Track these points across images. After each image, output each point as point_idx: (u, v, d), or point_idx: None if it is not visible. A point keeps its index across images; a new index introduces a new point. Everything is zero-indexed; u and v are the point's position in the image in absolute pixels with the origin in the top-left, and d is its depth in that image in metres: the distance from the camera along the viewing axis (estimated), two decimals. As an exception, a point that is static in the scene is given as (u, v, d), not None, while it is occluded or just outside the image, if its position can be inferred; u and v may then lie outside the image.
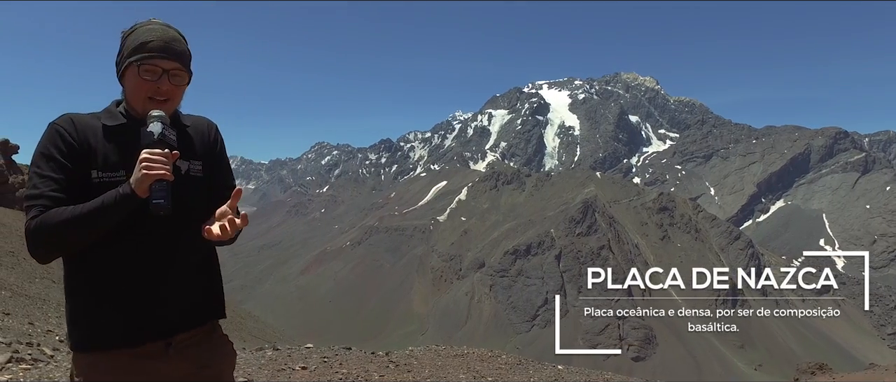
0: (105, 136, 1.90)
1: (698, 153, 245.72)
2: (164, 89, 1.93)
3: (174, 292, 1.94)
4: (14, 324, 8.68)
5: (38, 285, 12.70)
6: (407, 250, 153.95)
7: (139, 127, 1.88)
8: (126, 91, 1.97)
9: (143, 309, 1.89)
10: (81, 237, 1.76)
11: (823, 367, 21.33)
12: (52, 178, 1.80)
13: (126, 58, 1.92)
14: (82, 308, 1.89)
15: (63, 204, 1.77)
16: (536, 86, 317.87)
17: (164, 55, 1.91)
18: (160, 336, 1.92)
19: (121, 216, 1.78)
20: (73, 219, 1.73)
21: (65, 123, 1.87)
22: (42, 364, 5.64)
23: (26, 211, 1.81)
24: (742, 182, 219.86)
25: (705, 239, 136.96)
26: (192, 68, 2.02)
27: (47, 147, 1.82)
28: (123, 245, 1.86)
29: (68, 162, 1.82)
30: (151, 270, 1.90)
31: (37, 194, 1.78)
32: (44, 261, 1.84)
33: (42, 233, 1.75)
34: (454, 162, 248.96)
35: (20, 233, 16.78)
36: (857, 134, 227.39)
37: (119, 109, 1.98)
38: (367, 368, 6.95)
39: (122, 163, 1.88)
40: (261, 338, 18.91)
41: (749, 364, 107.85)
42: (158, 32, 1.93)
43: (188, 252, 1.96)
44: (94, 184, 1.83)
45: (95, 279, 1.88)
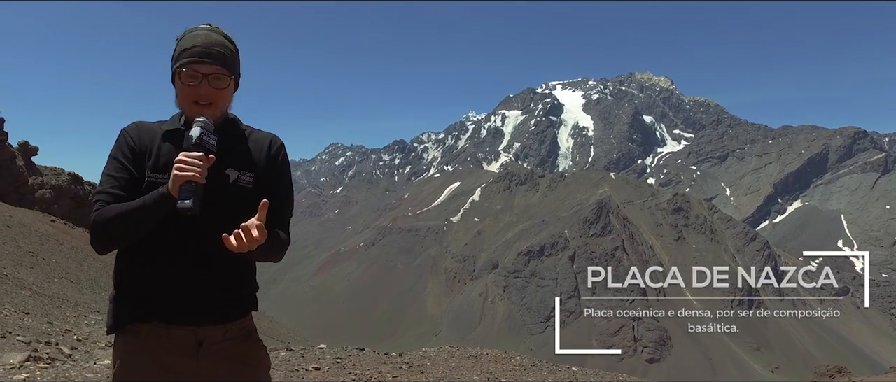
0: (161, 140, 2.03)
1: (714, 153, 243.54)
2: (205, 93, 2.00)
3: (202, 287, 2.01)
4: (33, 323, 8.79)
5: (57, 285, 12.87)
6: (420, 251, 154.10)
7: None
8: (177, 95, 2.07)
9: (173, 296, 1.99)
10: (127, 231, 1.89)
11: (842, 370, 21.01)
12: (114, 177, 1.96)
13: (174, 63, 2.03)
14: (120, 290, 2.02)
15: (120, 201, 1.92)
16: (550, 86, 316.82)
17: (203, 60, 1.98)
18: (187, 322, 2.00)
19: (160, 214, 1.88)
20: (119, 215, 1.87)
21: (131, 129, 2.05)
22: (59, 363, 5.70)
23: (93, 205, 1.98)
24: (758, 182, 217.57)
25: (721, 240, 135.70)
26: (239, 71, 2.11)
27: (115, 150, 2.01)
28: (162, 240, 1.97)
29: (129, 163, 1.98)
30: (185, 265, 1.98)
31: (100, 190, 1.96)
32: (101, 253, 1.98)
33: (97, 226, 1.90)
34: (468, 162, 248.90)
35: (40, 234, 17.02)
36: (876, 133, 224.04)
37: (174, 118, 2.12)
38: (381, 369, 6.96)
39: (170, 166, 1.94)
40: (275, 339, 19.02)
41: (765, 366, 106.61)
42: (201, 38, 2.00)
43: (223, 255, 1.98)
44: (147, 184, 1.97)
45: (133, 267, 1.99)
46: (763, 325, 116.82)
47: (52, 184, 22.40)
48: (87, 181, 24.51)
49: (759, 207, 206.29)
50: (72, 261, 15.86)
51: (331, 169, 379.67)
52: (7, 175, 21.14)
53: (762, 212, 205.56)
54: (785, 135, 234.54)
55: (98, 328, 10.24)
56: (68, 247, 17.30)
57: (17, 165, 21.67)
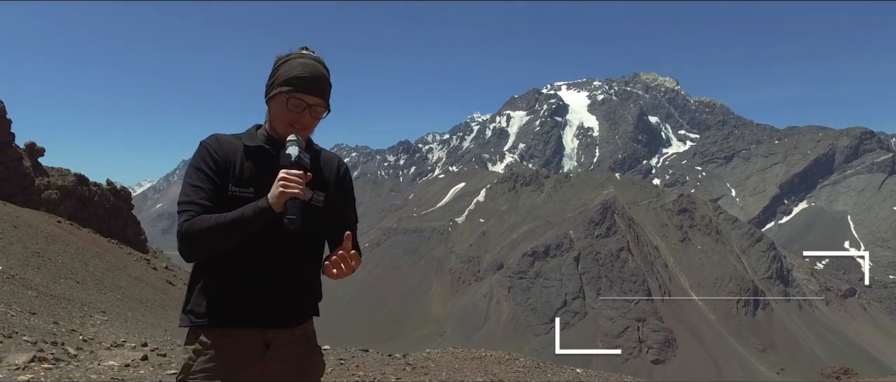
0: (244, 155, 2.15)
1: (719, 154, 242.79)
2: (305, 121, 2.17)
3: (277, 295, 2.17)
4: (39, 324, 8.83)
5: (63, 285, 12.92)
6: (425, 252, 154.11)
7: (276, 149, 2.16)
8: (271, 113, 2.22)
9: (251, 302, 2.13)
10: (222, 241, 2.02)
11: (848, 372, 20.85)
12: (201, 188, 2.07)
13: (278, 85, 2.16)
14: (200, 294, 2.14)
15: (208, 212, 2.04)
16: (555, 87, 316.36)
17: (311, 92, 2.15)
18: (259, 326, 2.14)
19: (257, 227, 2.02)
20: (216, 226, 1.99)
21: (212, 142, 2.15)
22: (63, 364, 5.72)
23: (179, 217, 2.08)
24: (764, 183, 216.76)
25: (726, 241, 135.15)
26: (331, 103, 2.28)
27: (198, 161, 2.11)
28: (246, 250, 2.10)
29: (213, 175, 2.09)
30: (264, 275, 2.13)
31: (188, 201, 2.06)
32: (189, 260, 2.11)
33: (191, 236, 2.02)
34: (472, 163, 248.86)
35: (46, 234, 17.10)
36: (883, 134, 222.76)
37: (260, 132, 2.24)
38: (384, 370, 6.96)
39: (253, 181, 2.12)
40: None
41: (771, 367, 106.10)
42: (310, 68, 2.16)
43: (296, 268, 2.19)
44: (229, 198, 2.09)
45: (216, 274, 2.12)
46: (769, 326, 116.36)
47: (59, 185, 22.48)
48: (93, 182, 24.58)
49: (765, 208, 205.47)
50: (78, 262, 15.92)
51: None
52: (14, 176, 21.24)
53: (768, 213, 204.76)
54: (791, 135, 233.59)
55: (103, 328, 10.28)
56: (74, 248, 17.37)
57: (23, 166, 21.76)
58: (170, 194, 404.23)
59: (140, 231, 26.48)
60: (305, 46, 2.28)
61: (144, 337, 10.29)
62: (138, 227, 26.43)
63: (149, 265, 21.56)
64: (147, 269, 20.58)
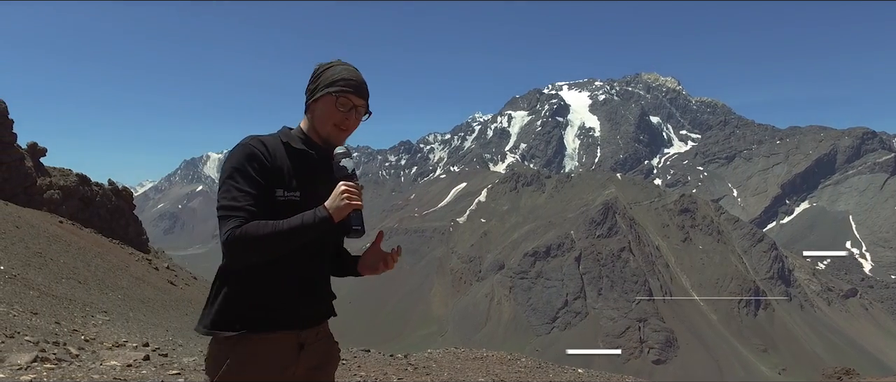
0: (290, 158, 2.17)
1: (721, 154, 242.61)
2: (350, 122, 2.26)
3: (314, 298, 2.27)
4: (41, 324, 8.84)
5: (65, 285, 12.93)
6: (426, 252, 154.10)
7: (318, 152, 2.25)
8: (315, 116, 2.26)
9: (292, 305, 2.19)
10: (278, 249, 2.02)
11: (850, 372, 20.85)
12: (250, 193, 2.03)
13: (324, 87, 2.23)
14: (239, 298, 2.13)
15: (257, 218, 2.00)
16: (556, 87, 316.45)
17: (358, 93, 2.24)
18: (295, 327, 2.21)
19: (315, 236, 2.06)
20: (274, 234, 1.99)
21: (258, 144, 2.12)
22: (65, 364, 5.72)
23: (224, 220, 2.01)
24: (766, 183, 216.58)
25: (728, 241, 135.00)
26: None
27: (243, 163, 2.06)
28: (287, 255, 2.11)
29: (261, 179, 2.07)
30: (298, 276, 2.19)
31: (237, 206, 2.01)
32: (237, 266, 2.07)
33: (244, 243, 1.97)
34: (474, 163, 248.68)
35: (48, 235, 17.10)
36: (885, 134, 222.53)
37: (294, 133, 2.28)
38: (386, 371, 6.95)
39: (300, 184, 2.15)
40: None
41: (772, 367, 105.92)
42: (354, 73, 2.26)
43: (325, 266, 2.31)
44: (278, 202, 2.09)
45: (257, 278, 2.12)
46: (770, 326, 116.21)
47: (61, 185, 22.51)
48: (95, 182, 24.59)
49: (767, 208, 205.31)
50: (79, 262, 15.93)
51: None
52: (16, 176, 21.27)
53: (769, 213, 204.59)
54: (792, 135, 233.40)
55: (105, 328, 10.28)
56: (76, 248, 17.38)
57: (25, 166, 21.79)
58: (171, 194, 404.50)
59: (142, 231, 26.51)
60: (339, 59, 2.35)
61: (146, 337, 10.30)
62: (140, 227, 26.46)
63: (150, 265, 21.58)
64: (148, 269, 20.60)
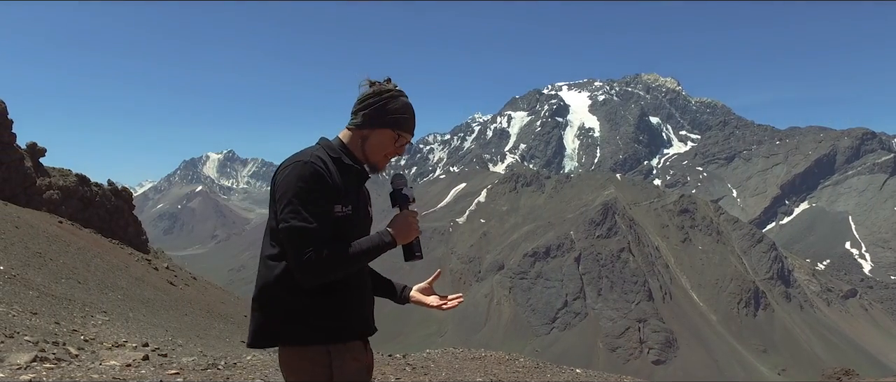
0: (342, 173, 2.26)
1: (720, 154, 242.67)
2: (397, 155, 2.40)
3: (371, 305, 2.43)
4: (41, 324, 8.85)
5: (65, 285, 12.94)
6: (426, 252, 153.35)
7: (361, 167, 2.35)
8: (368, 142, 2.34)
9: (364, 316, 2.34)
10: (351, 271, 2.18)
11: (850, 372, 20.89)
12: (319, 214, 2.11)
13: (390, 122, 2.32)
14: (319, 313, 2.23)
15: (326, 238, 2.12)
16: (556, 87, 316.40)
17: (413, 133, 2.40)
18: (365, 336, 2.37)
19: (378, 256, 2.22)
20: (349, 259, 2.14)
21: (320, 162, 2.19)
22: (65, 364, 5.74)
23: (297, 242, 2.09)
24: (765, 184, 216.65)
25: (727, 241, 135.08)
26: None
27: (311, 184, 2.13)
28: (359, 272, 2.31)
29: (328, 199, 2.15)
30: (364, 288, 2.36)
31: (311, 229, 2.08)
32: (311, 286, 2.15)
33: (323, 267, 2.09)
34: (473, 164, 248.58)
35: (47, 235, 17.12)
36: (884, 134, 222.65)
37: (335, 146, 2.34)
38: (384, 370, 6.97)
39: (352, 199, 2.25)
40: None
41: (772, 368, 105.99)
42: (412, 110, 2.39)
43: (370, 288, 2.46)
44: (336, 218, 2.19)
45: (332, 294, 2.24)
46: (770, 327, 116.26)
47: (60, 186, 22.53)
48: (94, 182, 24.61)
49: (766, 208, 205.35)
50: (79, 262, 15.95)
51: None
52: (15, 176, 21.29)
53: (769, 214, 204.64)
54: (792, 136, 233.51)
55: (105, 328, 10.30)
56: (75, 248, 17.39)
57: (25, 166, 21.81)
58: (171, 194, 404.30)
59: (141, 231, 26.53)
60: (388, 77, 2.40)
61: (146, 337, 10.31)
62: (139, 227, 26.47)
63: (150, 265, 21.59)
64: (148, 269, 20.61)
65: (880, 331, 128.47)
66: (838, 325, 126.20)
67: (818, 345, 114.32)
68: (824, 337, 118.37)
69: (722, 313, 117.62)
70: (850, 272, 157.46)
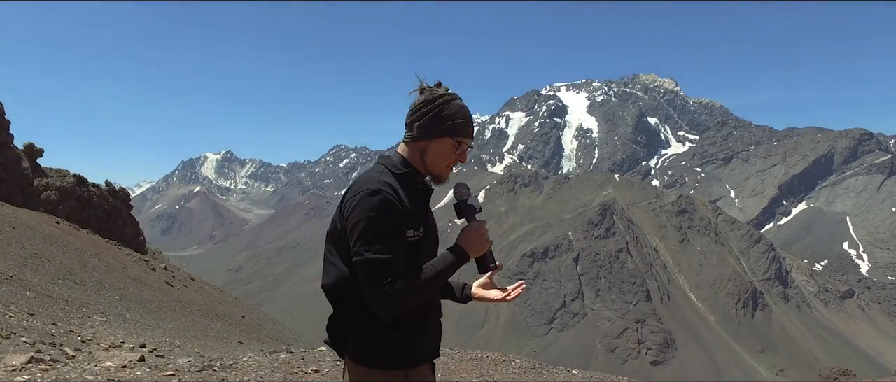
0: (411, 195, 2.20)
1: (718, 155, 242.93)
2: (459, 162, 2.31)
3: (439, 335, 2.38)
4: (38, 324, 8.86)
5: (62, 286, 12.94)
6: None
7: (424, 183, 2.29)
8: (429, 154, 2.26)
9: (436, 339, 2.33)
10: (428, 296, 2.15)
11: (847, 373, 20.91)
12: (393, 244, 2.06)
13: (447, 131, 2.23)
14: (399, 335, 2.21)
15: (400, 267, 2.07)
16: (554, 88, 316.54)
17: (472, 137, 2.30)
18: (434, 357, 2.35)
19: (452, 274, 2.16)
20: (426, 285, 2.09)
21: (390, 190, 2.11)
22: (60, 365, 5.75)
23: (377, 276, 2.03)
24: (763, 184, 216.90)
25: (725, 242, 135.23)
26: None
27: (383, 214, 2.06)
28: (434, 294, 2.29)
29: (399, 227, 2.10)
30: (434, 311, 2.32)
31: (385, 260, 2.02)
32: (395, 313, 2.09)
33: (402, 299, 2.04)
34: (471, 164, 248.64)
35: (45, 235, 17.11)
36: (882, 135, 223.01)
37: (398, 163, 2.26)
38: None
39: (421, 221, 2.20)
40: (278, 340, 19.08)
41: (770, 368, 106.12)
42: (469, 113, 2.30)
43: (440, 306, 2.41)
44: (408, 243, 2.14)
45: (411, 317, 2.21)
46: (768, 327, 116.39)
47: (57, 186, 22.51)
48: (92, 183, 24.59)
49: (764, 209, 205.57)
50: (76, 263, 15.94)
51: (335, 170, 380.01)
52: (12, 176, 21.27)
53: (767, 214, 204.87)
54: (790, 136, 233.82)
55: (102, 329, 10.31)
56: (73, 249, 17.38)
57: (22, 167, 21.80)
58: (169, 195, 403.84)
59: (139, 232, 26.53)
60: (439, 81, 2.33)
61: (143, 338, 10.33)
62: (137, 228, 26.47)
63: (148, 266, 21.58)
64: (146, 270, 20.60)
65: (878, 332, 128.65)
66: (836, 326, 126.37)
67: (816, 346, 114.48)
68: (822, 338, 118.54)
69: (720, 313, 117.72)
70: (847, 272, 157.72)
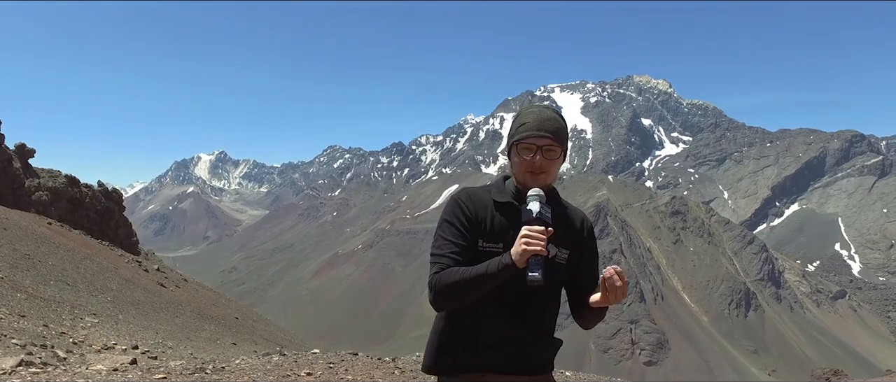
0: (493, 210, 2.28)
1: (712, 156, 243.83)
2: (538, 163, 2.24)
3: (521, 345, 2.29)
4: (29, 326, 8.80)
5: (53, 287, 12.85)
6: (418, 253, 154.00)
7: (522, 202, 2.24)
8: (512, 167, 2.36)
9: (502, 351, 2.26)
10: (468, 294, 2.15)
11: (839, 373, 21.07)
12: (453, 242, 2.21)
13: (510, 137, 2.32)
14: (453, 340, 2.29)
15: (459, 266, 2.17)
16: (548, 89, 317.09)
17: (538, 133, 2.24)
18: (506, 373, 2.29)
19: (500, 281, 2.13)
20: (462, 280, 2.13)
21: (464, 197, 2.29)
22: (51, 368, 5.70)
23: (431, 268, 2.25)
24: (756, 185, 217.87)
25: (718, 243, 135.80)
26: (567, 145, 2.35)
27: (449, 215, 2.26)
28: (493, 305, 2.23)
29: (464, 230, 2.23)
30: (512, 325, 2.26)
31: (440, 254, 2.22)
32: (439, 310, 2.30)
33: (439, 289, 2.17)
34: (466, 165, 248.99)
35: (36, 236, 17.00)
36: (873, 137, 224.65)
37: (509, 184, 2.36)
38: (373, 374, 6.98)
39: (502, 235, 2.23)
40: (271, 342, 19.01)
41: (763, 368, 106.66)
42: (535, 114, 2.28)
43: (537, 321, 2.32)
44: (479, 252, 2.22)
45: (469, 323, 2.26)
46: (760, 328, 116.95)
47: (49, 187, 22.37)
48: (84, 183, 24.45)
49: (757, 210, 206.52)
50: (68, 264, 15.84)
51: (329, 171, 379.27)
52: (3, 177, 21.13)
53: (760, 215, 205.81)
54: (783, 138, 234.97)
55: (94, 330, 10.24)
56: (65, 250, 17.27)
57: (13, 167, 21.65)
58: (162, 195, 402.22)
59: (132, 232, 26.39)
60: (534, 102, 2.36)
61: (136, 340, 10.27)
62: (130, 229, 26.33)
63: (140, 267, 21.46)
64: (138, 271, 20.49)
65: (869, 332, 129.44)
66: (828, 326, 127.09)
67: (808, 346, 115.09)
68: (814, 338, 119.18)
69: (713, 314, 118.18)
70: (839, 273, 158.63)
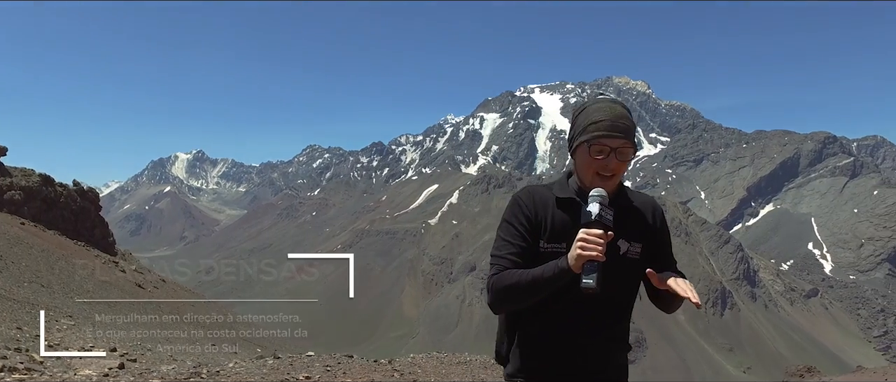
0: (555, 208, 2.17)
1: (689, 157, 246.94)
2: (611, 166, 2.09)
3: (589, 352, 2.17)
4: (2, 330, 8.44)
5: (27, 289, 12.42)
6: (398, 253, 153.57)
7: (585, 200, 2.07)
8: (577, 165, 2.20)
9: (567, 358, 2.15)
10: (524, 297, 2.05)
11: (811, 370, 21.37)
12: (512, 243, 2.12)
13: (577, 136, 2.16)
14: (516, 346, 2.21)
15: (518, 267, 2.07)
16: (528, 89, 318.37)
17: (612, 134, 2.07)
18: (526, 376, 2.20)
19: (557, 286, 2.01)
20: (517, 283, 2.03)
21: (525, 197, 2.22)
22: (36, 375, 5.41)
23: (490, 268, 2.16)
24: (732, 186, 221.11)
25: (695, 242, 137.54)
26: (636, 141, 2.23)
27: (510, 215, 2.20)
28: (555, 309, 2.13)
29: (524, 231, 2.13)
30: (572, 337, 2.14)
31: (498, 255, 2.13)
32: (497, 312, 2.19)
33: (496, 291, 2.08)
34: (446, 165, 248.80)
35: (9, 237, 16.47)
36: (845, 138, 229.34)
37: (571, 181, 2.24)
38: (371, 376, 6.81)
39: (565, 235, 2.10)
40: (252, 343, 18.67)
41: (738, 366, 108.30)
42: (606, 111, 2.10)
43: (608, 326, 2.18)
44: (540, 253, 2.11)
45: (531, 330, 2.17)
46: (736, 326, 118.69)
47: (22, 186, 21.72)
48: (59, 183, 23.81)
49: (733, 210, 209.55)
50: (42, 265, 15.36)
51: (308, 171, 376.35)
52: (-26, 175, 20.48)
53: (736, 215, 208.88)
54: (758, 139, 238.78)
55: (70, 333, 9.89)
56: (38, 250, 16.76)
57: (-16, 165, 21.01)
58: (138, 195, 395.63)
59: (108, 233, 25.78)
60: (601, 92, 2.25)
61: (113, 343, 9.93)
62: (106, 229, 25.73)
63: (117, 268, 20.94)
64: (115, 272, 19.99)
65: (839, 329, 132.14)
66: (801, 324, 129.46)
67: (782, 344, 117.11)
68: (787, 336, 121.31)
69: (690, 313, 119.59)
70: (812, 272, 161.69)
